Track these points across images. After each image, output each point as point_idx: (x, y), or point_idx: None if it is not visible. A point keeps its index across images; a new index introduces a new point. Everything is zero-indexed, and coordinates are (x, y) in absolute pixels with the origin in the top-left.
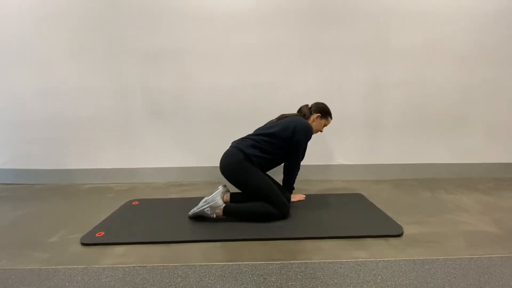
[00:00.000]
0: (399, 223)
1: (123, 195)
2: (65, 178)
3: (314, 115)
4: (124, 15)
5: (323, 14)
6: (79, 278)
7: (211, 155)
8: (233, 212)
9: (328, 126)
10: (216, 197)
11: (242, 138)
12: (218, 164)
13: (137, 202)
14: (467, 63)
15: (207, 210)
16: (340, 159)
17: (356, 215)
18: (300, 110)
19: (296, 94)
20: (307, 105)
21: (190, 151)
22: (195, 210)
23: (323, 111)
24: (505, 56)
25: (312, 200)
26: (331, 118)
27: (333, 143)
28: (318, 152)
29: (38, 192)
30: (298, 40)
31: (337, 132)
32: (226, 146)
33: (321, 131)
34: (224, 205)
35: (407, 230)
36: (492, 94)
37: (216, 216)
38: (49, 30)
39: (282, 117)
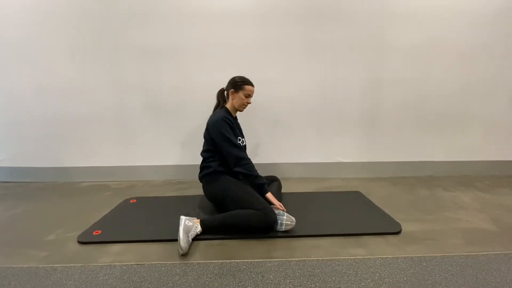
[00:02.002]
0: (397, 220)
1: (120, 193)
2: (62, 176)
3: (229, 93)
4: (122, 13)
5: (322, 12)
6: (76, 277)
7: None
8: (211, 223)
9: (253, 98)
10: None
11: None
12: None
13: (135, 200)
14: (465, 61)
15: (188, 222)
16: (338, 157)
17: (355, 213)
18: (217, 99)
19: (294, 91)
20: (222, 89)
21: (188, 149)
22: (181, 233)
23: (235, 84)
24: (504, 55)
25: (310, 198)
26: (249, 84)
27: (331, 141)
28: (316, 150)
29: (35, 190)
30: (297, 38)
31: (336, 130)
32: None
33: (248, 103)
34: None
35: (405, 227)
36: (490, 92)
37: (199, 226)
38: (47, 29)
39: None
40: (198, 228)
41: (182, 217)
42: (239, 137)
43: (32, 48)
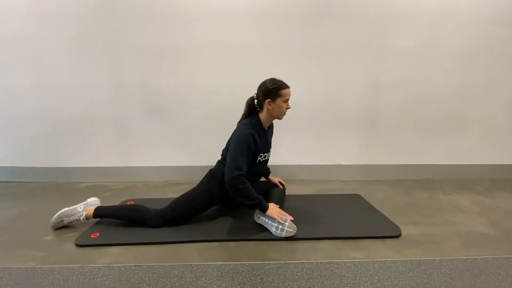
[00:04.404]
0: (396, 223)
1: (120, 194)
2: (61, 176)
3: (265, 103)
4: (122, 13)
5: (321, 13)
6: (74, 277)
7: (209, 154)
8: (105, 212)
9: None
10: (93, 199)
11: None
12: (215, 163)
13: (132, 202)
14: (464, 64)
15: (80, 208)
16: (337, 159)
17: (354, 216)
18: (247, 109)
19: (294, 93)
20: (253, 97)
21: (187, 150)
22: (64, 209)
23: (269, 92)
24: (502, 57)
25: (309, 200)
26: (285, 87)
27: (330, 143)
28: (315, 152)
29: (34, 190)
30: (297, 39)
31: (335, 132)
32: (223, 145)
33: (287, 108)
34: (98, 205)
35: (404, 230)
36: (489, 95)
37: (85, 214)
38: (46, 27)
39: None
40: (82, 217)
41: (90, 200)
42: (261, 154)
43: (31, 47)
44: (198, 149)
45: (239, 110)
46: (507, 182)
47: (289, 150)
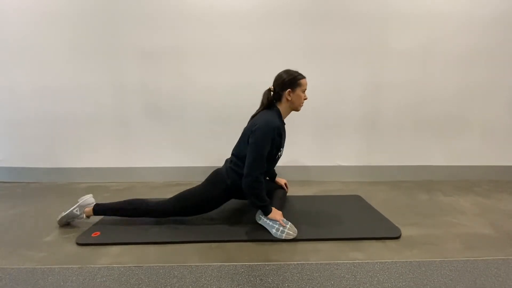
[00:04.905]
0: (396, 224)
1: (120, 194)
2: (61, 176)
3: (285, 93)
4: (122, 14)
5: (322, 15)
6: (74, 278)
7: (209, 155)
8: (104, 209)
9: (306, 99)
10: (86, 197)
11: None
12: (215, 164)
13: None
14: (464, 65)
15: (76, 211)
16: (338, 161)
17: (354, 217)
18: (266, 100)
19: None
20: (269, 89)
21: (187, 150)
22: (62, 214)
23: (289, 83)
24: (502, 58)
25: (309, 201)
26: (303, 77)
27: (331, 144)
28: (316, 153)
29: (34, 190)
30: (297, 39)
31: (335, 133)
32: (223, 146)
33: (305, 99)
34: (94, 203)
35: (404, 231)
36: (489, 96)
37: (85, 216)
38: (47, 28)
39: (250, 120)
40: (84, 218)
41: (81, 201)
42: (281, 148)
43: (32, 48)
44: (198, 150)
45: (240, 110)
46: (507, 183)
47: (289, 151)
